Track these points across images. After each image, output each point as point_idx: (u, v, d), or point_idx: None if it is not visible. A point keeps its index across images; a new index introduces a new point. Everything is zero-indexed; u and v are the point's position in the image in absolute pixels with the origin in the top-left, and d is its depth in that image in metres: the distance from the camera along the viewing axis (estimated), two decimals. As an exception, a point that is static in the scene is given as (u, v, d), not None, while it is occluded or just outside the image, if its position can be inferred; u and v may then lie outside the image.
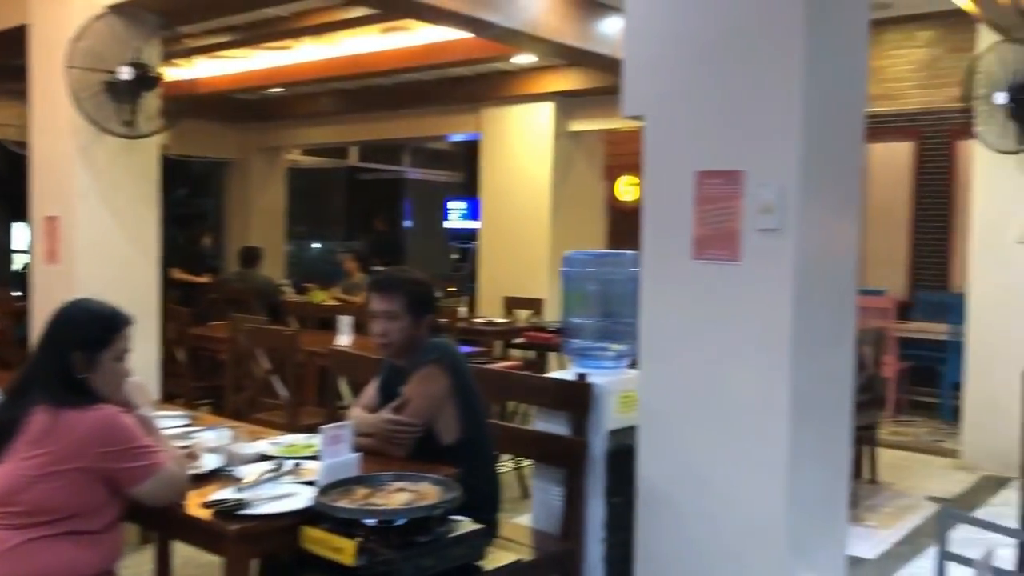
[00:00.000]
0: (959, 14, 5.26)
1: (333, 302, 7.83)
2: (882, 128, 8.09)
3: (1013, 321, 5.74)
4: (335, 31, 6.88)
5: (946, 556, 2.09)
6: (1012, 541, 3.72)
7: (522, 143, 8.74)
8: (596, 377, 3.26)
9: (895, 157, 8.53)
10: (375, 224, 11.47)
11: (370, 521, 2.09)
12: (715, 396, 2.81)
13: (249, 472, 2.44)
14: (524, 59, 7.54)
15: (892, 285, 8.34)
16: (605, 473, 3.21)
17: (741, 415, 2.75)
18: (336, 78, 8.29)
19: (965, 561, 1.98)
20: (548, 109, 8.53)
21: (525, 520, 3.59)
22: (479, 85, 8.63)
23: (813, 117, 2.66)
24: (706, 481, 2.83)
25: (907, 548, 4.38)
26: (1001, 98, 5.39)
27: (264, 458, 2.61)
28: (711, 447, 2.82)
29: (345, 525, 2.11)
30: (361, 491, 2.22)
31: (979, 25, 5.63)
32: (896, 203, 8.55)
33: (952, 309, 7.06)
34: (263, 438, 2.87)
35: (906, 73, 6.39)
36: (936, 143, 8.39)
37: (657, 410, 2.95)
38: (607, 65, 6.07)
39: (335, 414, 3.70)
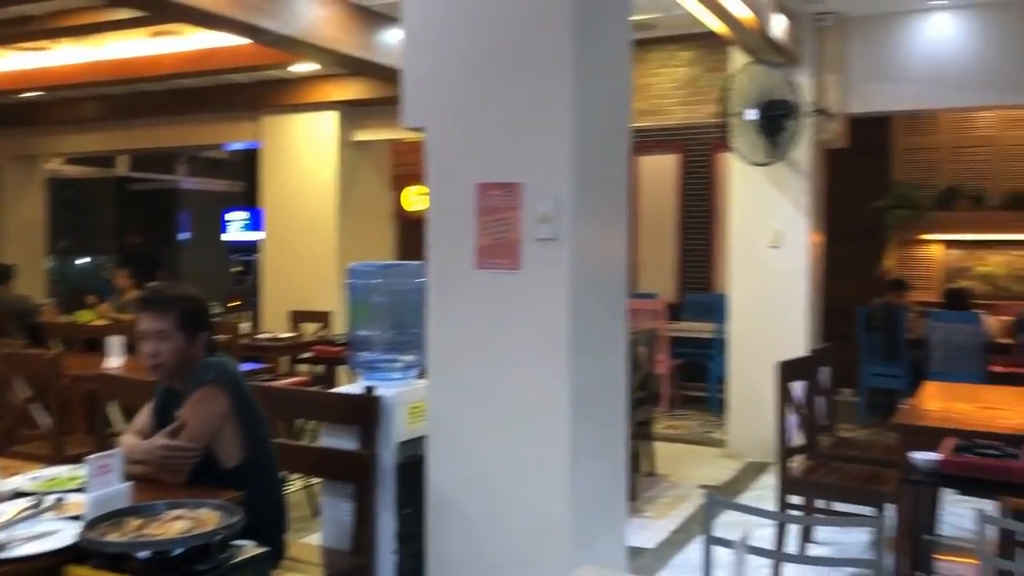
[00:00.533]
0: (714, 36, 5.69)
1: (103, 321, 7.31)
2: (650, 142, 8.63)
3: (768, 318, 6.29)
4: (98, 33, 6.44)
5: (712, 540, 2.25)
6: (771, 522, 4.07)
7: (306, 152, 8.57)
8: (385, 389, 3.25)
9: (662, 169, 9.11)
10: (127, 238, 10.73)
11: (144, 554, 1.97)
12: (500, 401, 2.88)
13: (1, 512, 2.23)
14: (305, 67, 7.40)
15: (663, 289, 8.89)
16: (396, 485, 3.21)
17: (525, 418, 2.83)
18: (102, 83, 7.75)
19: (727, 544, 2.14)
20: (332, 118, 8.43)
21: (316, 539, 3.51)
22: (258, 92, 8.38)
23: (583, 131, 2.79)
24: (494, 485, 2.89)
25: (682, 535, 4.68)
26: (751, 115, 5.89)
27: (20, 495, 2.39)
28: (497, 451, 2.88)
29: (116, 560, 1.97)
30: (134, 522, 2.08)
31: (732, 47, 6.13)
32: (664, 212, 9.13)
33: (716, 309, 7.62)
34: (20, 473, 2.63)
35: (669, 90, 6.84)
36: (698, 156, 9.04)
37: (445, 418, 2.98)
38: (390, 75, 6.06)
39: (105, 442, 3.46)
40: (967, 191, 8.39)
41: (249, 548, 2.14)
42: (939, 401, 4.14)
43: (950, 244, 8.59)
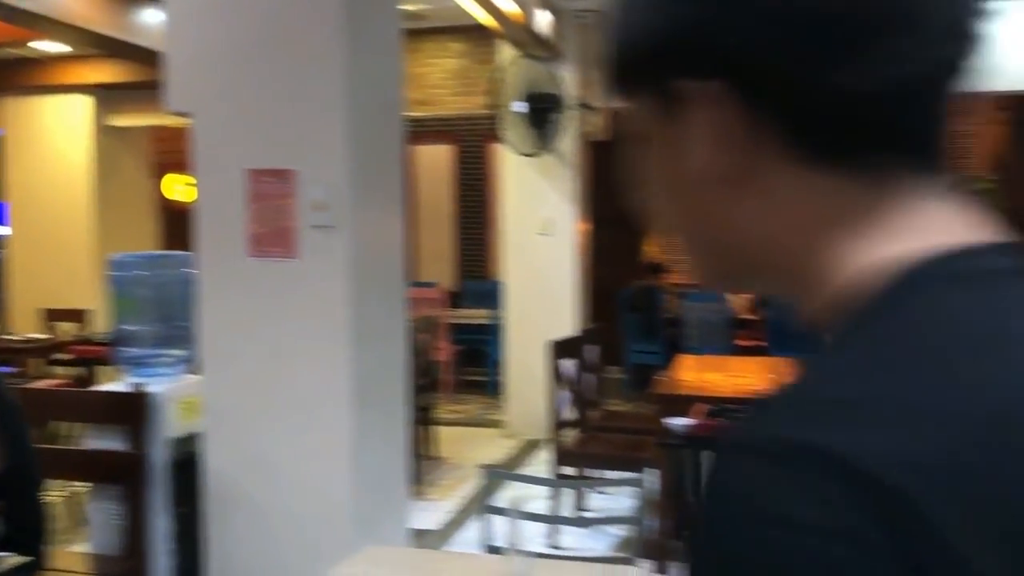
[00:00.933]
0: (484, 29, 5.84)
1: None
2: (424, 132, 8.69)
3: (540, 302, 6.56)
4: None
5: (490, 510, 2.37)
6: (547, 493, 4.29)
7: (56, 139, 7.95)
8: (154, 386, 3.12)
9: (437, 159, 9.24)
10: None
11: None
12: (280, 391, 2.85)
13: None
14: (51, 46, 6.85)
15: (442, 277, 9.04)
16: (169, 484, 3.09)
17: (307, 407, 2.83)
18: None
19: (504, 512, 2.26)
20: (85, 102, 7.86)
21: (84, 548, 3.31)
22: (-3, 73, 7.66)
23: (357, 119, 2.81)
24: (277, 474, 2.86)
25: (463, 515, 4.81)
26: (520, 107, 6.11)
27: None
28: (280, 441, 2.86)
29: None
30: None
31: (500, 40, 6.33)
32: (441, 202, 9.27)
33: (493, 296, 7.85)
34: None
35: (442, 81, 6.97)
36: (472, 146, 9.24)
37: (223, 411, 2.91)
38: (149, 58, 5.74)
39: None
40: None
41: (10, 559, 2.01)
42: (692, 372, 4.53)
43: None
